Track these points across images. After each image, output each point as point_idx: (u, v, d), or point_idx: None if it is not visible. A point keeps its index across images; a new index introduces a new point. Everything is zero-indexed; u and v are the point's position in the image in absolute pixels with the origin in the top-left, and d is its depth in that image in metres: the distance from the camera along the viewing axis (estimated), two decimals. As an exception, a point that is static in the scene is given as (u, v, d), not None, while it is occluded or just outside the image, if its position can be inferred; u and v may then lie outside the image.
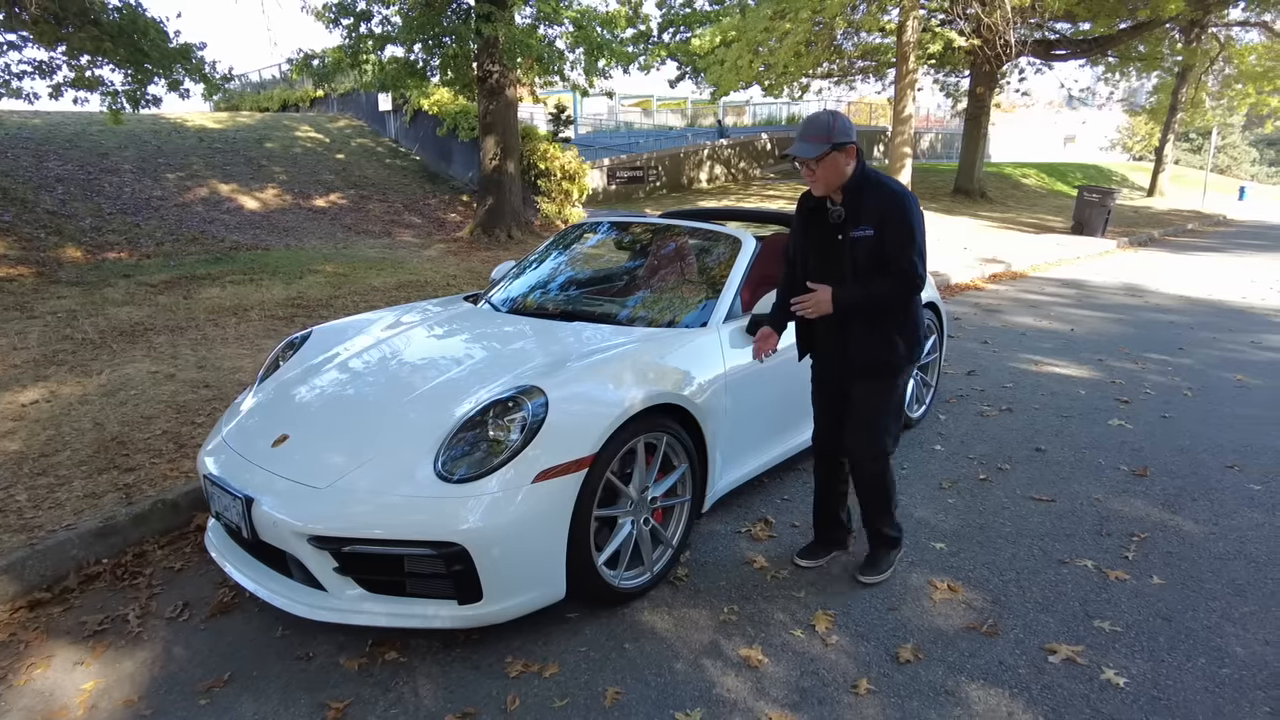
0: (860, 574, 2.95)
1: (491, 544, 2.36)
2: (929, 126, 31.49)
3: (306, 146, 15.49)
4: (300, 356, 3.35)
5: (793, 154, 2.54)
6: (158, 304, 7.12)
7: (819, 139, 2.54)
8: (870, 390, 2.78)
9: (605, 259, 4.09)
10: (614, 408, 2.59)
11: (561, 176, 13.75)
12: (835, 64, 20.12)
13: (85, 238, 9.52)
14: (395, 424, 2.66)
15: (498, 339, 3.22)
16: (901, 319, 2.71)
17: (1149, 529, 3.35)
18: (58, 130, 12.80)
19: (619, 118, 33.29)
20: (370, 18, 10.46)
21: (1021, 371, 5.79)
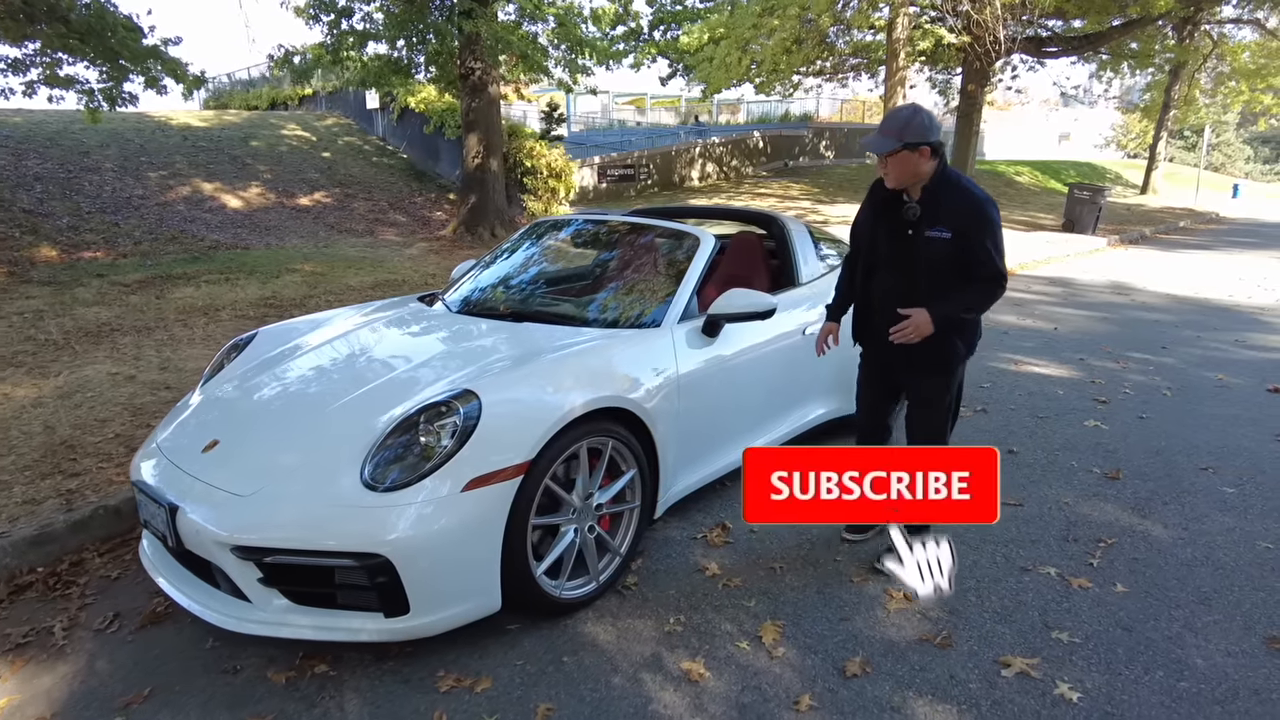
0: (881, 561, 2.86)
1: (417, 555, 2.27)
2: (923, 124, 31.38)
3: (292, 145, 15.37)
4: (243, 359, 3.25)
5: (865, 146, 2.65)
6: (128, 304, 7.01)
7: (892, 135, 2.57)
8: (930, 386, 2.85)
9: (565, 258, 4.00)
10: (552, 412, 2.50)
11: (548, 174, 13.65)
12: (827, 61, 20.03)
13: (61, 237, 9.42)
14: (325, 429, 2.56)
15: (442, 341, 3.12)
16: (962, 321, 2.75)
17: (1117, 534, 3.26)
18: (39, 129, 12.67)
19: (612, 116, 33.18)
20: (351, 14, 10.35)
21: (1000, 371, 5.70)
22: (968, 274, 2.64)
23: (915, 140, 2.55)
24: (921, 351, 2.74)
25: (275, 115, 17.93)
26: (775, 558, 3.08)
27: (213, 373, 3.30)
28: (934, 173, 2.63)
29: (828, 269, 4.19)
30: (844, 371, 4.05)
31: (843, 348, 3.99)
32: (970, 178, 2.81)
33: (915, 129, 2.56)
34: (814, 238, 4.27)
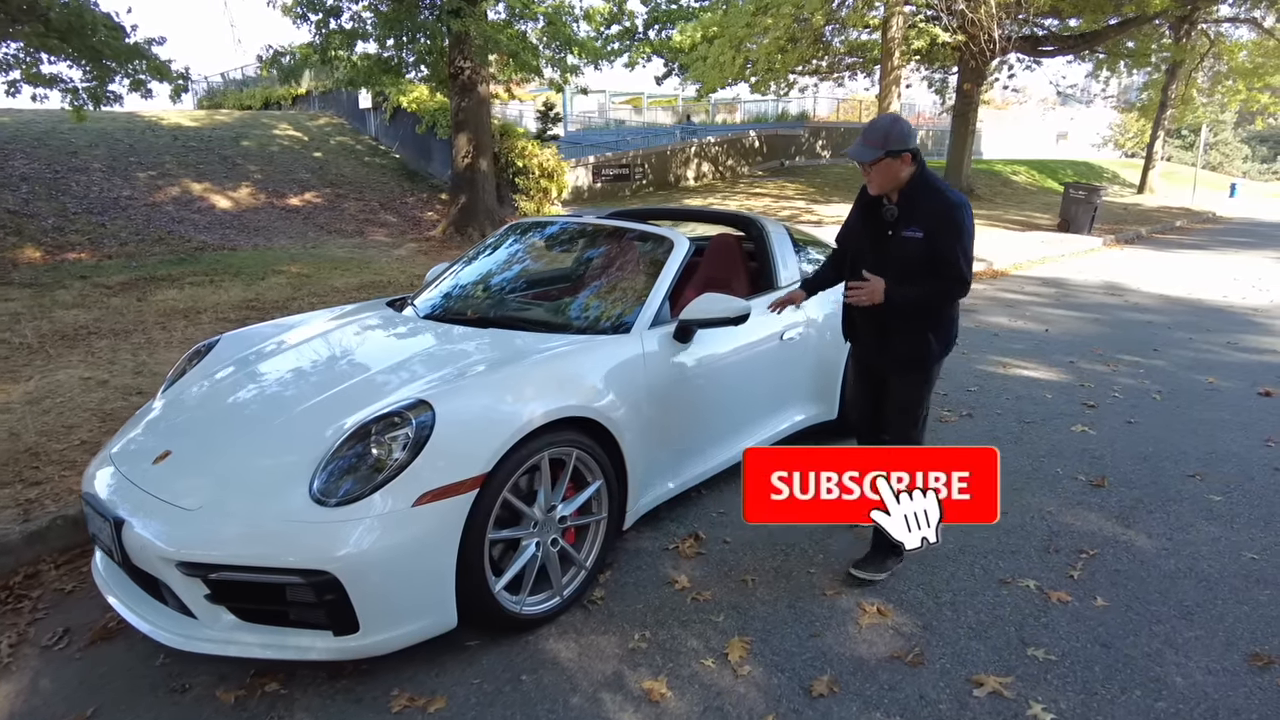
0: (856, 568, 2.92)
1: (366, 572, 2.19)
2: (921, 124, 31.29)
3: (284, 144, 15.29)
4: (204, 366, 3.17)
5: (849, 155, 2.77)
6: (109, 306, 6.93)
7: (874, 144, 2.67)
8: (905, 382, 2.94)
9: (538, 261, 3.91)
10: (510, 423, 2.42)
11: (540, 174, 13.56)
12: (823, 61, 19.93)
13: (46, 238, 9.33)
14: (277, 440, 2.49)
15: (404, 348, 3.04)
16: (936, 319, 2.86)
17: (1099, 545, 3.18)
18: (27, 128, 12.59)
19: (609, 115, 33.07)
20: (340, 13, 10.26)
21: (988, 374, 5.62)
22: (935, 274, 2.75)
23: (897, 148, 2.66)
24: (897, 343, 2.88)
25: (267, 115, 17.85)
26: (748, 569, 3.00)
27: (174, 379, 3.22)
28: (912, 177, 2.74)
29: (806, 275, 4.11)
30: (824, 376, 3.98)
31: (821, 352, 3.94)
32: (948, 182, 2.91)
33: (896, 137, 2.67)
34: (794, 240, 4.19)
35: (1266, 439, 4.35)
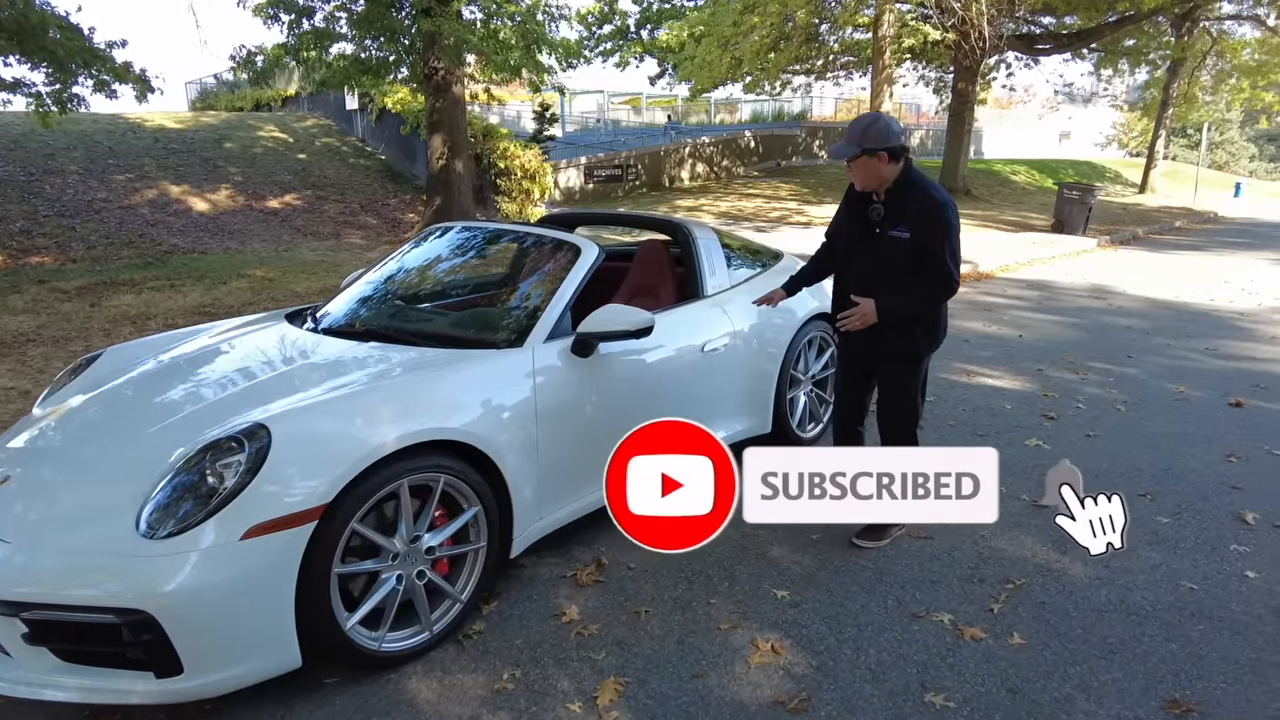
0: (859, 538, 3.10)
1: (188, 611, 2.01)
2: (921, 123, 31.01)
3: (268, 146, 15.18)
4: (79, 382, 3.00)
5: (830, 153, 2.85)
6: (58, 312, 6.80)
7: (853, 141, 2.74)
8: (894, 377, 3.03)
9: (447, 269, 3.73)
10: (356, 448, 2.23)
11: (522, 176, 13.42)
12: (818, 60, 19.69)
13: (12, 241, 9.23)
14: (117, 466, 2.31)
15: (274, 366, 2.85)
16: (925, 315, 2.91)
17: (1029, 574, 2.97)
18: (4, 131, 12.51)
19: (607, 115, 32.90)
20: (312, 13, 10.12)
21: (949, 383, 5.40)
22: (922, 272, 2.78)
23: (874, 146, 2.71)
24: (885, 344, 2.94)
25: (254, 117, 17.77)
26: (645, 600, 2.80)
27: (52, 392, 3.06)
28: (899, 176, 2.80)
29: (740, 281, 3.92)
30: (754, 388, 3.79)
31: (750, 363, 3.74)
32: (938, 182, 3.03)
33: (874, 136, 2.72)
34: (726, 247, 4.00)
35: (1229, 454, 4.12)
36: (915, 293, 2.80)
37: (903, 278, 2.80)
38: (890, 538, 3.13)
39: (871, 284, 2.89)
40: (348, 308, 3.32)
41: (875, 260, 2.87)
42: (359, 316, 3.22)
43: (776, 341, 3.91)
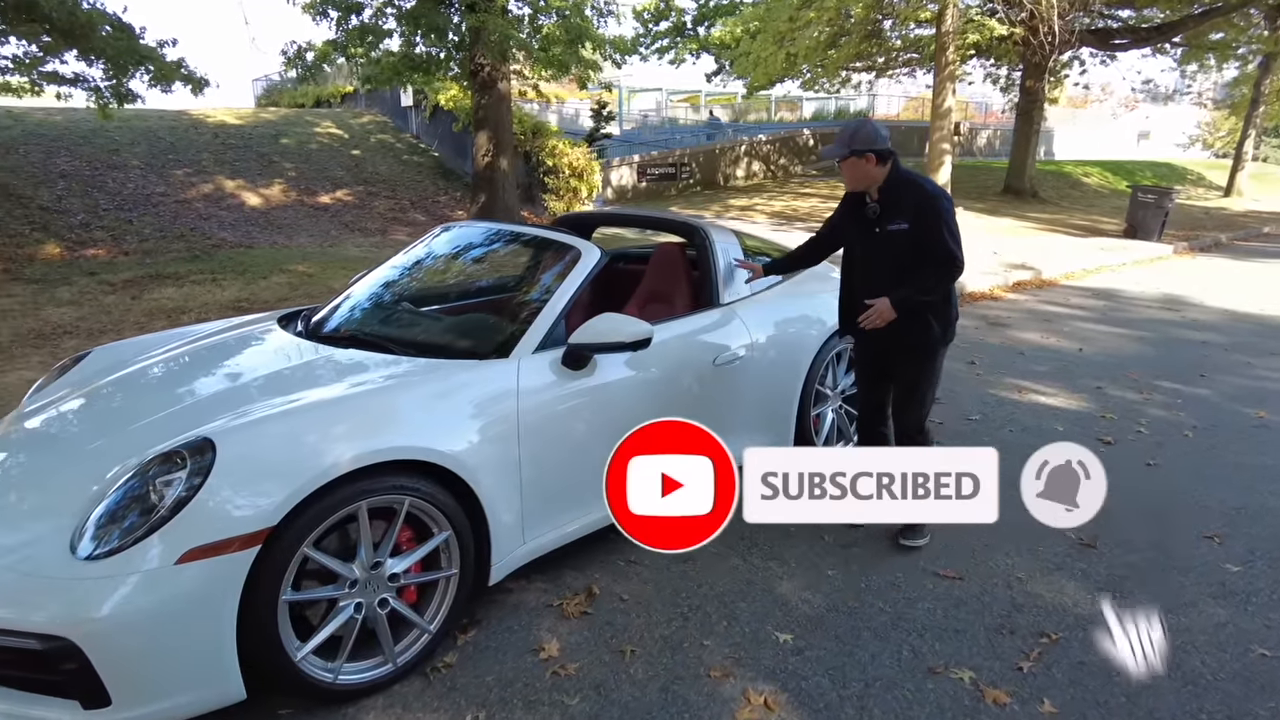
0: (904, 538, 3.13)
1: (114, 639, 1.87)
2: (987, 122, 29.85)
3: (323, 142, 15.39)
4: (62, 382, 2.92)
5: (822, 154, 3.18)
6: (100, 305, 6.90)
7: (842, 143, 2.93)
8: (911, 371, 3.12)
9: (446, 270, 3.56)
10: (307, 468, 2.06)
11: (570, 174, 13.29)
12: (879, 56, 19.06)
13: (71, 234, 9.48)
14: (65, 478, 2.19)
15: (247, 372, 2.71)
16: (937, 304, 3.01)
17: (1068, 627, 2.64)
18: (76, 127, 12.91)
19: (665, 113, 32.66)
20: (360, 9, 10.14)
21: (999, 400, 5.02)
22: (925, 260, 2.92)
23: (861, 148, 2.90)
24: (900, 337, 3.02)
25: (312, 113, 18.08)
26: (633, 637, 2.57)
27: (37, 390, 2.98)
28: (889, 175, 2.96)
29: (763, 288, 3.65)
30: (773, 402, 3.52)
31: (767, 375, 3.47)
32: (926, 176, 3.20)
33: (861, 139, 2.90)
34: (750, 252, 3.73)
35: (1313, 492, 3.68)
36: (923, 276, 2.93)
37: (906, 268, 2.94)
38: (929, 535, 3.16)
39: (877, 278, 3.02)
40: (337, 311, 3.17)
41: (878, 255, 3.03)
42: (345, 321, 3.06)
43: (800, 354, 3.63)
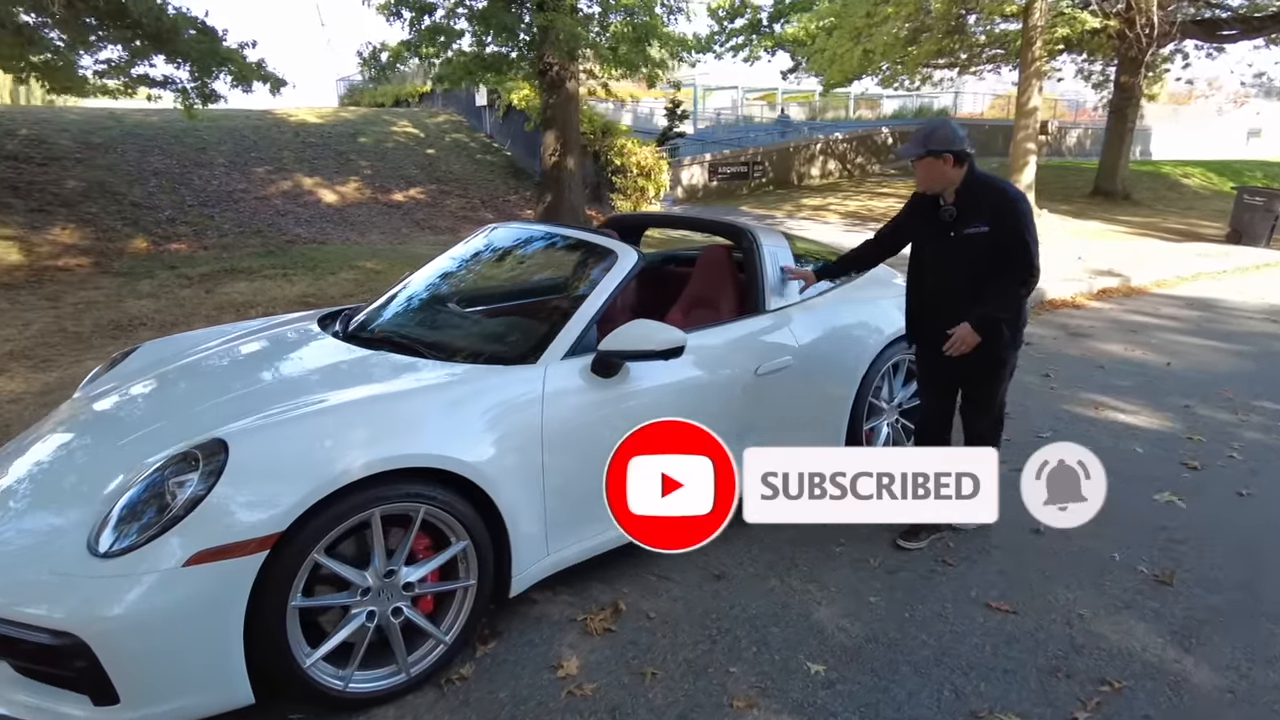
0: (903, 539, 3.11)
1: (122, 638, 1.87)
2: (1078, 121, 28.44)
3: (399, 141, 15.75)
4: (114, 374, 2.99)
5: (898, 153, 2.79)
6: (176, 298, 7.18)
7: (916, 144, 2.87)
8: (983, 381, 3.08)
9: (488, 272, 3.51)
10: (318, 473, 2.02)
11: (637, 173, 13.23)
12: (962, 53, 18.35)
13: (158, 230, 9.93)
14: (91, 474, 2.22)
15: (276, 372, 2.71)
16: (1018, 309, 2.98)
17: (1134, 675, 2.40)
18: (169, 126, 13.54)
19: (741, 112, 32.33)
20: (433, 10, 10.30)
21: (1074, 417, 4.70)
22: (1003, 265, 2.85)
23: (938, 148, 2.83)
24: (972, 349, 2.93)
25: (390, 112, 18.54)
26: (657, 658, 2.46)
27: (91, 380, 3.07)
28: (965, 177, 2.89)
29: (813, 295, 3.48)
30: (820, 413, 3.36)
31: (814, 384, 3.30)
32: (1004, 179, 3.11)
33: (939, 139, 2.84)
34: (802, 257, 3.57)
35: None
36: (1000, 290, 2.87)
37: (981, 274, 2.88)
38: (928, 539, 3.13)
39: (951, 282, 2.97)
40: (374, 312, 3.16)
41: (953, 259, 2.95)
42: (379, 323, 3.04)
43: (853, 363, 3.45)
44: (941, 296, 3.02)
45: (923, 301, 3.14)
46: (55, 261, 8.17)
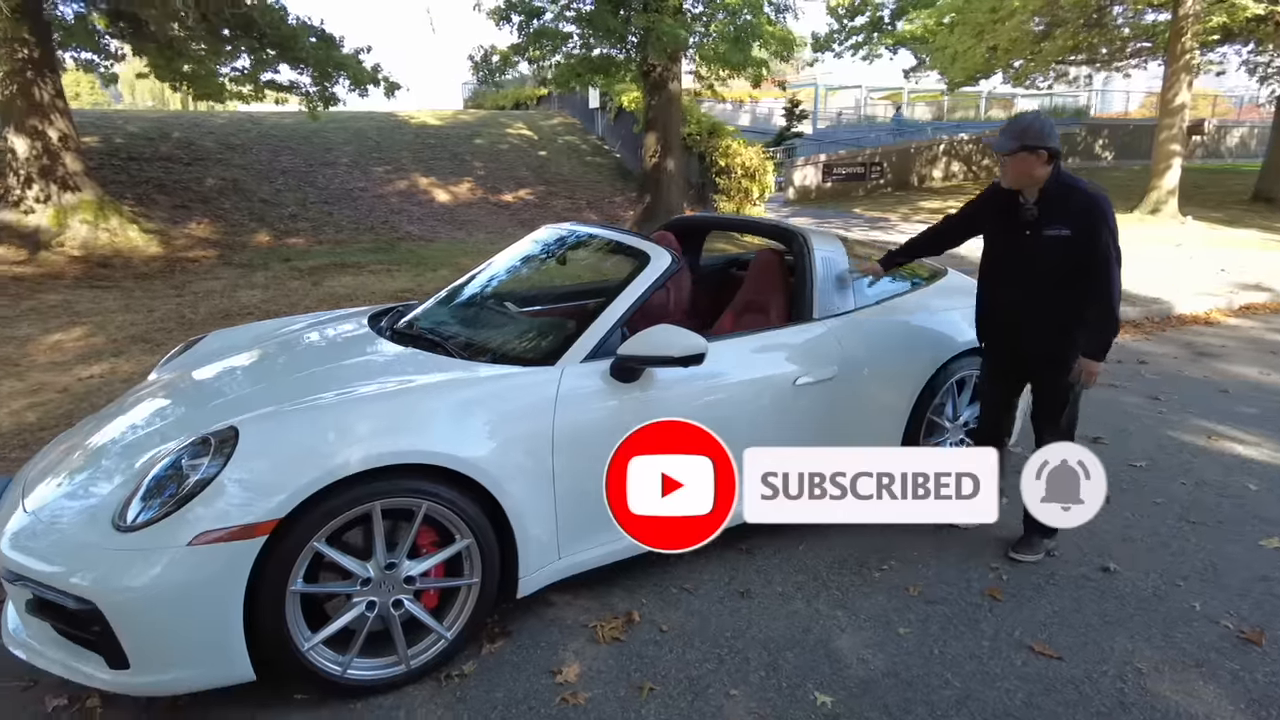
0: (1015, 551, 3.03)
1: (131, 608, 1.99)
2: (1243, 118, 25.86)
3: (513, 143, 16.23)
4: (182, 359, 3.21)
5: (989, 145, 2.68)
6: (285, 289, 7.66)
7: (1011, 137, 2.76)
8: (1050, 382, 2.98)
9: (531, 273, 3.53)
10: (318, 464, 2.07)
11: (742, 174, 13.05)
12: (1103, 47, 17.06)
13: (281, 225, 10.65)
14: (127, 456, 2.37)
15: (312, 364, 2.81)
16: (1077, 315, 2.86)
17: (1191, 739, 2.13)
18: (300, 128, 14.48)
19: (863, 112, 31.40)
20: (541, 13, 10.54)
21: (1179, 445, 4.25)
22: (1080, 270, 2.75)
23: (1033, 143, 2.72)
24: (1035, 341, 2.93)
25: (507, 115, 19.13)
26: (659, 673, 2.39)
27: (166, 362, 3.30)
28: (1050, 177, 2.78)
29: (870, 302, 3.31)
30: (867, 434, 3.18)
31: (863, 397, 3.13)
32: (1090, 180, 2.91)
33: (1035, 133, 2.74)
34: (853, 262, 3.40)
35: None
36: (1097, 306, 2.77)
37: (1056, 278, 2.80)
38: (1045, 551, 3.04)
39: (1024, 284, 2.88)
40: (420, 312, 3.24)
41: (1028, 261, 2.86)
42: (419, 320, 3.11)
43: (909, 379, 3.26)
44: (1013, 296, 2.94)
45: (994, 300, 3.06)
46: (187, 253, 8.91)
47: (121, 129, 12.40)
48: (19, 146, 8.15)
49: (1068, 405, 2.97)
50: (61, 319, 6.26)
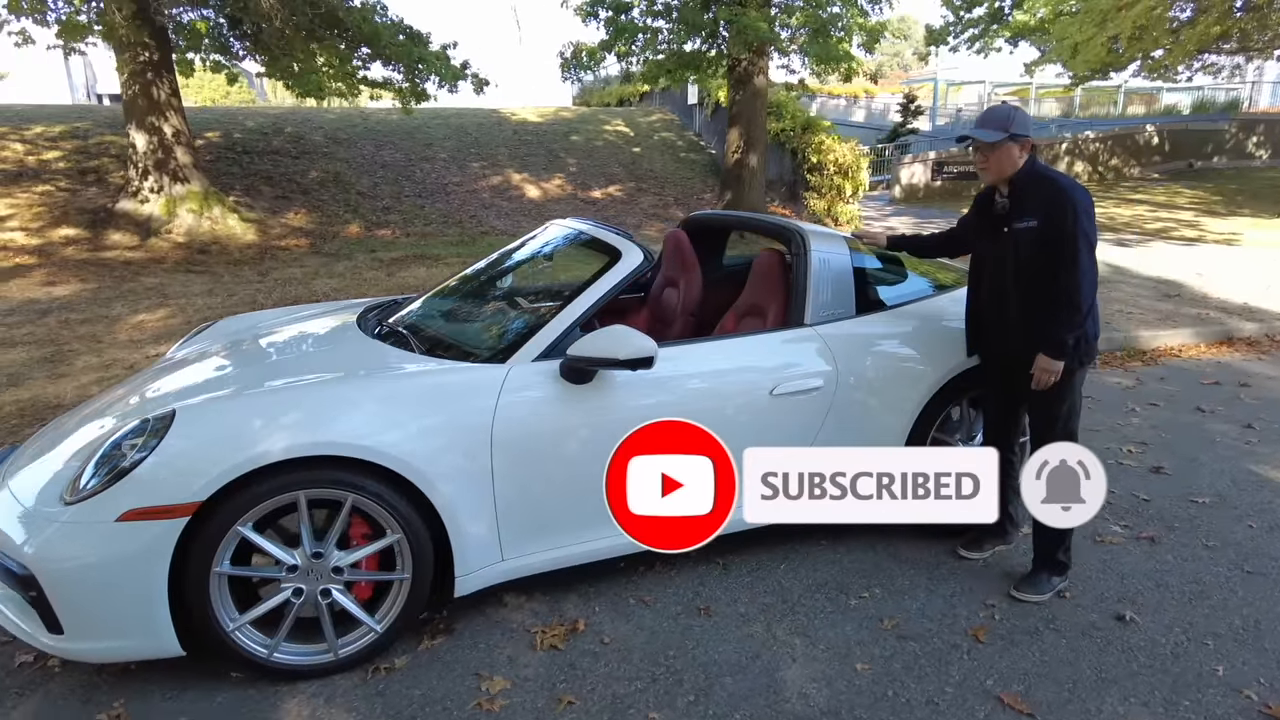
0: (1017, 589, 2.79)
1: (63, 578, 2.09)
2: None
3: (609, 139, 16.33)
4: (185, 344, 3.36)
5: (969, 135, 2.68)
6: (361, 278, 7.98)
7: (996, 126, 2.63)
8: (1044, 395, 2.72)
9: (520, 269, 3.48)
10: (238, 451, 2.11)
11: (834, 171, 12.59)
12: (1261, 34, 15.43)
13: (373, 216, 11.11)
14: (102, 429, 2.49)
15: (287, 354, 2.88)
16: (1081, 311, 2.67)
17: (1159, 823, 1.85)
18: (404, 124, 15.07)
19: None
20: (629, 9, 10.53)
21: (1259, 481, 3.76)
22: (1052, 265, 2.59)
23: (1019, 133, 2.63)
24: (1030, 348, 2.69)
25: (606, 111, 19.26)
26: (584, 688, 2.30)
27: (182, 344, 3.47)
28: (1024, 167, 2.67)
29: (876, 308, 3.08)
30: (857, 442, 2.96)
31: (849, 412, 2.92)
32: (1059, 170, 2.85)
33: (1019, 123, 2.64)
34: (865, 266, 3.17)
35: None
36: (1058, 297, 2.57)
37: (1030, 274, 2.64)
38: (1054, 590, 2.79)
39: (1002, 286, 2.74)
40: (405, 305, 3.27)
41: (1003, 259, 2.72)
42: (400, 316, 3.13)
43: (908, 391, 3.00)
44: (994, 300, 2.79)
45: (976, 304, 2.91)
46: (280, 242, 9.44)
47: (241, 124, 13.29)
48: (139, 141, 8.86)
49: (1064, 422, 2.71)
50: (151, 300, 6.75)
